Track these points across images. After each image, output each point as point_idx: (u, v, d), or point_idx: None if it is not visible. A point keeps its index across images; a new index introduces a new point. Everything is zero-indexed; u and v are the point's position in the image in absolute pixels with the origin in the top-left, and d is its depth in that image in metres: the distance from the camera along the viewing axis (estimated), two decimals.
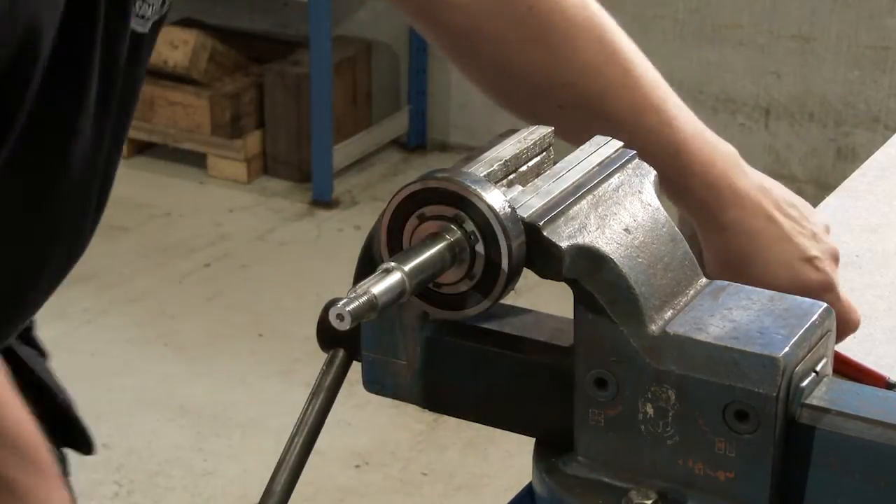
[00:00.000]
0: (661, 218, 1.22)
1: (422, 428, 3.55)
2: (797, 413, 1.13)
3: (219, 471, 3.40)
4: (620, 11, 4.88)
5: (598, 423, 1.18)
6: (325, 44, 4.68)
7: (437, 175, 1.15)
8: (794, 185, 4.67)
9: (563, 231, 1.14)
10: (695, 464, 1.14)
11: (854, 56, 4.47)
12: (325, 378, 1.26)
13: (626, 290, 1.14)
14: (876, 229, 1.76)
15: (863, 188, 1.89)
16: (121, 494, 3.32)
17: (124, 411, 3.61)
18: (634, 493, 1.16)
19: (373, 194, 5.06)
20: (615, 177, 1.22)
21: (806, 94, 4.57)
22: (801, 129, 4.62)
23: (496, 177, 1.19)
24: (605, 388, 1.16)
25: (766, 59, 4.58)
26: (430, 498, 3.34)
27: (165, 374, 3.77)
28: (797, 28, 4.51)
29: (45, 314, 1.28)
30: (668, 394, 1.14)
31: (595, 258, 1.14)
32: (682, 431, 1.14)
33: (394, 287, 1.07)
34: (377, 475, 3.40)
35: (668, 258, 1.19)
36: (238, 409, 3.62)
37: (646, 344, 1.14)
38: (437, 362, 1.24)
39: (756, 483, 1.12)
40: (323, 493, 3.31)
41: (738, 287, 1.21)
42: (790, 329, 1.14)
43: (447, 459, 3.46)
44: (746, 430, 1.11)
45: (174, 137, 5.12)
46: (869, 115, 4.51)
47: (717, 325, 1.14)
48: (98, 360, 3.83)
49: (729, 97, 4.67)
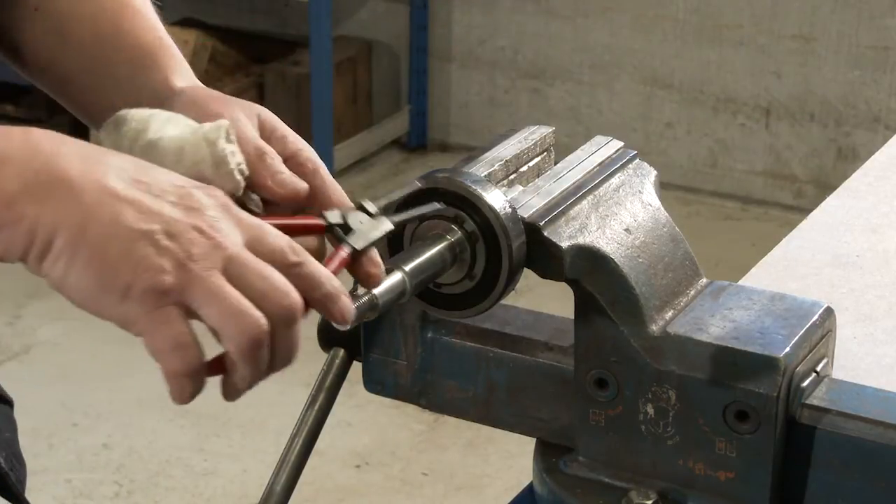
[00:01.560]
0: (662, 218, 1.22)
1: (422, 428, 3.55)
2: (798, 413, 1.13)
3: (219, 471, 3.40)
4: (620, 11, 4.86)
5: (599, 423, 1.18)
6: (326, 44, 4.68)
7: (437, 175, 1.15)
8: (794, 185, 4.68)
9: (563, 231, 1.14)
10: (695, 464, 1.14)
11: (854, 56, 4.47)
12: (326, 378, 1.27)
13: (626, 290, 1.14)
14: (876, 229, 1.76)
15: (863, 188, 1.89)
16: (121, 494, 3.32)
17: (124, 411, 3.61)
18: (634, 493, 1.16)
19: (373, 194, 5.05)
20: (616, 177, 1.22)
21: (806, 94, 4.57)
22: (802, 130, 4.62)
23: (497, 177, 1.19)
24: (605, 388, 1.16)
25: (766, 59, 4.58)
26: (430, 498, 3.34)
27: None
28: (798, 28, 4.51)
29: (45, 314, 1.28)
30: (668, 394, 1.14)
31: (596, 258, 1.14)
32: (683, 431, 1.14)
33: (394, 287, 1.07)
34: (377, 475, 3.40)
35: (669, 258, 1.19)
36: (238, 409, 3.62)
37: (646, 344, 1.14)
38: (437, 362, 1.24)
39: (756, 483, 1.12)
40: (323, 493, 3.31)
41: (738, 287, 1.21)
42: (791, 329, 1.14)
43: (447, 459, 3.46)
44: (747, 430, 1.11)
45: None
46: (869, 115, 4.51)
47: (718, 325, 1.14)
48: (98, 360, 3.83)
49: (729, 97, 4.67)
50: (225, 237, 0.93)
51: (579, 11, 4.79)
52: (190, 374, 0.95)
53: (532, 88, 4.96)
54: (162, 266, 0.91)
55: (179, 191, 0.94)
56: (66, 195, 0.91)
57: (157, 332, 0.93)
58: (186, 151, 1.04)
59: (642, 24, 4.70)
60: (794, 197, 4.68)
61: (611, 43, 4.77)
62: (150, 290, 0.91)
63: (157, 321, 0.92)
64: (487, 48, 5.00)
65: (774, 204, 4.70)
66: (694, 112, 4.75)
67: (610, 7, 4.73)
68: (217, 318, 0.93)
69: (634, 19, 4.71)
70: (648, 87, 4.78)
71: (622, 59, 4.78)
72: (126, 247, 0.91)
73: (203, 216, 0.94)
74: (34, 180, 0.91)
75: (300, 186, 1.10)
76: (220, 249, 0.93)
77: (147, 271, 0.91)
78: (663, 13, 4.67)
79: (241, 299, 0.93)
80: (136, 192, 0.93)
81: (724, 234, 4.54)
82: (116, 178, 0.92)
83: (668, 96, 4.76)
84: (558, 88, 4.92)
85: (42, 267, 0.92)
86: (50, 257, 0.91)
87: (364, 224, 1.04)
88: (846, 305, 1.55)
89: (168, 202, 0.93)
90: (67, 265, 0.91)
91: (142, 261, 0.91)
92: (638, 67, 4.76)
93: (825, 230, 1.76)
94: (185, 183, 0.96)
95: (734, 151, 4.73)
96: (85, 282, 0.91)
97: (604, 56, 4.80)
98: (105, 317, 0.93)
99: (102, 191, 0.92)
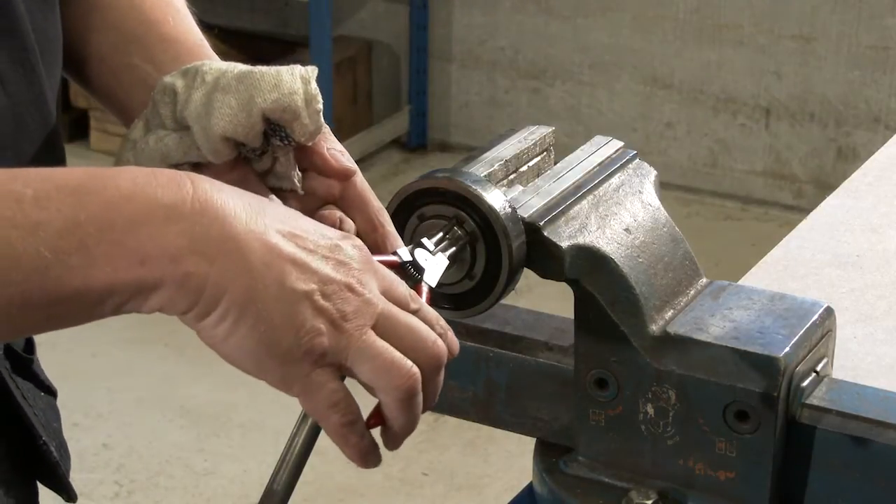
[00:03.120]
0: (662, 218, 1.22)
1: (422, 428, 3.55)
2: (798, 413, 1.13)
3: (219, 471, 3.40)
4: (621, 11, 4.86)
5: (599, 422, 1.18)
6: (326, 44, 4.68)
7: (437, 175, 1.15)
8: (794, 185, 4.67)
9: (563, 231, 1.14)
10: (695, 464, 1.14)
11: (854, 56, 4.46)
12: None
13: (626, 290, 1.14)
14: (876, 229, 1.76)
15: (863, 188, 1.89)
16: (121, 494, 3.32)
17: (125, 411, 3.61)
18: (634, 492, 1.16)
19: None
20: (616, 177, 1.22)
21: (806, 94, 4.57)
22: (802, 130, 4.62)
23: (497, 177, 1.19)
24: (605, 388, 1.16)
25: (766, 59, 4.58)
26: (430, 498, 3.34)
27: (166, 374, 3.77)
28: (798, 28, 4.51)
29: None
30: (668, 394, 1.14)
31: (596, 258, 1.14)
32: (683, 431, 1.14)
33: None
34: (377, 475, 3.40)
35: (669, 258, 1.19)
36: (238, 409, 3.62)
37: (646, 344, 1.14)
38: None
39: (756, 483, 1.12)
40: (323, 493, 3.31)
41: (738, 287, 1.21)
42: (791, 329, 1.14)
43: (448, 459, 3.46)
44: (747, 429, 1.11)
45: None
46: (869, 115, 4.51)
47: (718, 325, 1.14)
48: (98, 360, 3.83)
49: (729, 97, 4.67)
50: (371, 292, 0.95)
51: (579, 11, 4.79)
52: (350, 426, 0.96)
53: (532, 88, 4.96)
54: (320, 329, 0.92)
55: (329, 244, 0.95)
56: (234, 255, 0.90)
57: (313, 394, 0.94)
58: (284, 80, 1.05)
59: (642, 24, 4.70)
60: (794, 197, 4.68)
61: (611, 43, 4.77)
62: (309, 352, 0.92)
63: (313, 384, 0.94)
64: (487, 48, 4.99)
65: (774, 204, 4.70)
66: (694, 112, 4.75)
67: (610, 7, 4.73)
68: (371, 373, 0.95)
69: (634, 19, 4.71)
70: (648, 87, 4.78)
71: (622, 59, 4.78)
72: (289, 310, 0.91)
73: (352, 271, 0.95)
74: (203, 237, 0.90)
75: (351, 167, 1.13)
76: (371, 306, 0.95)
77: (308, 334, 0.92)
78: (663, 13, 4.66)
79: (393, 353, 0.95)
80: (294, 248, 0.93)
81: (724, 234, 4.53)
82: (276, 234, 0.92)
83: (668, 96, 4.76)
84: (558, 88, 4.92)
85: (202, 325, 0.92)
86: (213, 317, 0.91)
87: (428, 261, 1.08)
88: (846, 305, 1.55)
89: (321, 257, 0.94)
90: (232, 327, 0.91)
91: (304, 323, 0.92)
92: (638, 67, 4.76)
93: (825, 230, 1.76)
94: (332, 234, 0.97)
95: (734, 151, 4.73)
96: (249, 344, 0.92)
97: (604, 56, 4.80)
98: (263, 377, 0.94)
99: (267, 250, 0.92)
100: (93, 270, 0.88)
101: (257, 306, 0.91)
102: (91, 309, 0.91)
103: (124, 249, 0.89)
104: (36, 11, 1.11)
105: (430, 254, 1.09)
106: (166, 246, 0.89)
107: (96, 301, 0.90)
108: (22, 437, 1.23)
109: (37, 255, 0.87)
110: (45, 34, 1.12)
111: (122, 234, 0.89)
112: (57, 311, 0.90)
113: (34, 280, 0.88)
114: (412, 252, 1.08)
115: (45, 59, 1.12)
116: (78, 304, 0.90)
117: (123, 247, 0.89)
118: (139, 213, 0.90)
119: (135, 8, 1.23)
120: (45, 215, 0.88)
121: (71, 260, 0.88)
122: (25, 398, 1.22)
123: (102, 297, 0.90)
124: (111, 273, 0.89)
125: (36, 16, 1.11)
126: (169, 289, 0.90)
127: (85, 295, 0.89)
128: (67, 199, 0.89)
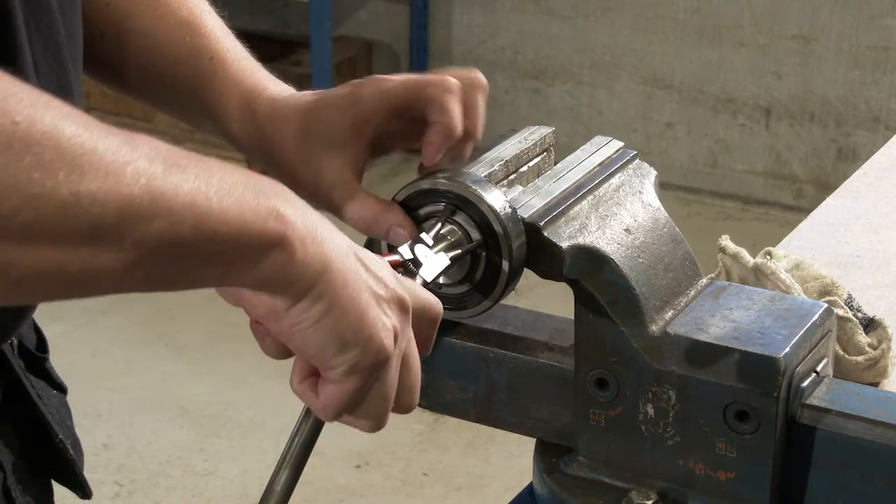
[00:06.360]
0: (662, 218, 1.22)
1: (422, 428, 3.55)
2: (798, 413, 1.13)
3: (219, 471, 3.40)
4: (621, 11, 4.87)
5: (599, 423, 1.18)
6: (326, 44, 4.68)
7: (438, 175, 1.15)
8: (794, 185, 4.67)
9: (563, 231, 1.14)
10: (695, 464, 1.14)
11: (854, 56, 4.47)
12: None
13: (626, 290, 1.14)
14: (877, 229, 1.76)
15: (863, 188, 1.89)
16: (121, 494, 3.32)
17: (125, 411, 3.60)
18: (635, 493, 1.16)
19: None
20: (616, 177, 1.22)
21: (806, 94, 4.57)
22: (802, 130, 4.62)
23: (497, 177, 1.19)
24: (605, 389, 1.16)
25: (766, 59, 4.58)
26: (430, 498, 3.34)
27: (166, 374, 3.77)
28: (798, 28, 4.51)
29: (45, 314, 1.27)
30: (668, 394, 1.14)
31: (596, 258, 1.14)
32: (683, 432, 1.14)
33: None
34: (377, 475, 3.39)
35: (669, 258, 1.19)
36: (238, 409, 3.62)
37: (646, 344, 1.14)
38: (438, 362, 1.24)
39: (757, 483, 1.12)
40: (323, 493, 3.31)
41: (738, 287, 1.21)
42: (791, 329, 1.14)
43: (448, 460, 3.46)
44: (747, 430, 1.11)
45: (176, 138, 5.11)
46: (869, 116, 4.51)
47: (718, 325, 1.14)
48: (98, 360, 3.83)
49: (730, 97, 4.67)
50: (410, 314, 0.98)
51: (579, 11, 4.79)
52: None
53: (532, 88, 4.96)
54: (388, 326, 0.95)
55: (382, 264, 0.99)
56: (327, 243, 0.92)
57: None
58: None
59: (642, 24, 4.70)
60: (794, 197, 4.68)
61: (611, 43, 4.77)
62: (381, 350, 0.95)
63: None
64: (487, 48, 5.00)
65: (774, 204, 4.70)
66: (694, 112, 4.75)
67: (610, 7, 4.73)
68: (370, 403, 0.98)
69: (634, 19, 4.71)
70: (648, 87, 4.78)
71: (622, 59, 4.78)
72: (370, 305, 0.94)
73: (401, 284, 0.98)
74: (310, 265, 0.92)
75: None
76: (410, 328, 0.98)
77: (385, 330, 0.95)
78: (663, 13, 4.67)
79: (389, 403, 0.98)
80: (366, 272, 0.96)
81: (724, 234, 4.53)
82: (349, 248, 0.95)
83: (668, 96, 4.76)
84: (558, 88, 4.92)
85: (294, 309, 0.92)
86: (308, 299, 0.91)
87: (427, 257, 1.10)
88: None
89: (386, 269, 0.98)
90: (325, 309, 0.92)
91: (384, 322, 0.95)
92: (638, 67, 4.76)
93: (825, 230, 1.76)
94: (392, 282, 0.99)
95: (734, 151, 4.73)
96: (341, 326, 0.93)
97: (604, 56, 4.80)
98: (339, 363, 0.95)
99: (348, 252, 0.94)
100: (226, 216, 0.87)
101: (348, 291, 0.92)
102: (211, 260, 0.88)
103: (254, 204, 0.88)
104: (66, 7, 1.12)
105: (429, 248, 1.11)
106: (284, 213, 0.90)
107: (220, 251, 0.88)
108: (37, 436, 1.23)
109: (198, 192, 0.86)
110: (70, 29, 1.14)
111: (254, 192, 0.89)
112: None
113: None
114: (412, 248, 1.10)
115: (72, 54, 1.13)
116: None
117: (253, 202, 0.88)
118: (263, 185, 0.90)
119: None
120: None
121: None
122: (41, 397, 1.23)
123: (226, 248, 0.88)
124: (240, 216, 0.87)
125: (66, 11, 1.12)
126: (285, 250, 0.89)
127: (214, 238, 0.87)
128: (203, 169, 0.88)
